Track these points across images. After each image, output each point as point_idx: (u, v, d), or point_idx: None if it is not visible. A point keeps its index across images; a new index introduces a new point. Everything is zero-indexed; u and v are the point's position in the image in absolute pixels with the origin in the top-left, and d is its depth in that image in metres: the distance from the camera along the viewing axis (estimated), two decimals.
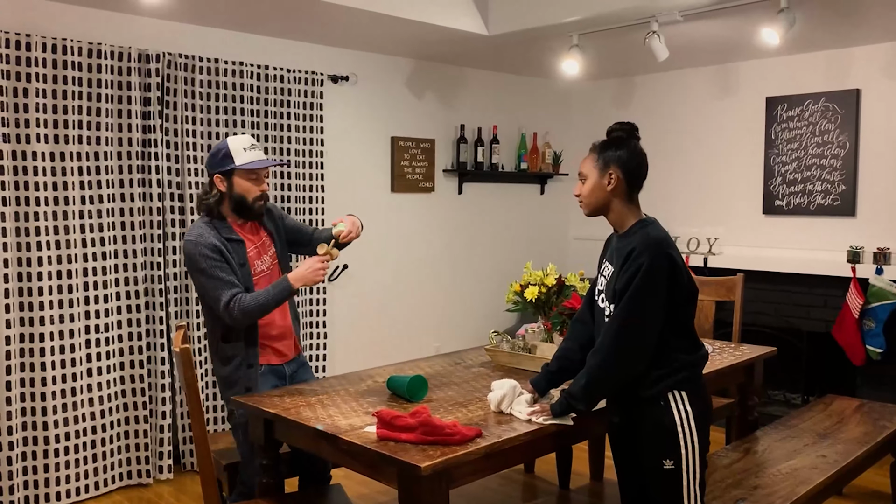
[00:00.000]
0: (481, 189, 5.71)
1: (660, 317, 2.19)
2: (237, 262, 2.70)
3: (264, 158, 2.75)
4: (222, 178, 2.70)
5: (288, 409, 2.54)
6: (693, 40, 4.58)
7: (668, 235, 2.28)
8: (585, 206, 2.38)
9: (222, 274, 2.63)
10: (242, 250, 2.74)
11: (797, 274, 4.86)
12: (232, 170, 2.68)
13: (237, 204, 2.71)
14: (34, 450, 3.62)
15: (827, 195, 4.86)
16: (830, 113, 4.83)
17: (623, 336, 2.19)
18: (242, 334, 2.74)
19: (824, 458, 3.04)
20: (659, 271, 2.17)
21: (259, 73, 4.31)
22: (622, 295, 2.19)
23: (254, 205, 2.73)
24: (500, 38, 4.47)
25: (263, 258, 2.83)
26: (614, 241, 2.38)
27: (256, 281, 2.77)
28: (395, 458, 2.10)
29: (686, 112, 5.56)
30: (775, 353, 3.57)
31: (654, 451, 2.22)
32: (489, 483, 3.96)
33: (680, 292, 2.22)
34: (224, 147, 2.70)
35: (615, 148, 2.31)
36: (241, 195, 2.70)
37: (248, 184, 2.70)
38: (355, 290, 4.98)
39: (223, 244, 2.67)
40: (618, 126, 2.36)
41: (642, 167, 2.33)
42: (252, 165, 2.67)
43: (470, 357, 3.38)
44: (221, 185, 2.70)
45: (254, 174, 2.70)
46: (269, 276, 2.83)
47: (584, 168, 2.37)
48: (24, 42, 3.49)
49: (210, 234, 2.68)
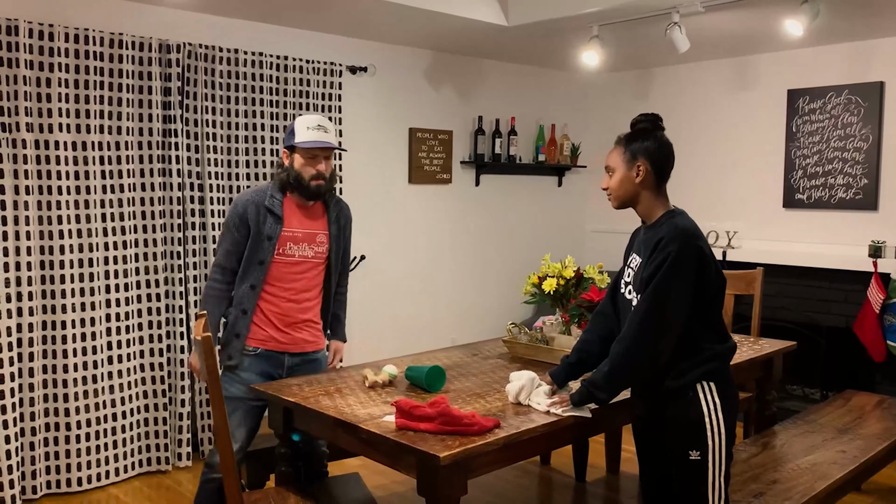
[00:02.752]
0: (498, 181, 5.70)
1: (686, 306, 2.17)
2: (266, 234, 2.76)
3: (323, 140, 2.76)
4: (287, 153, 2.81)
5: (307, 399, 2.56)
6: (714, 32, 4.54)
7: (697, 226, 2.26)
8: (614, 199, 2.35)
9: (227, 238, 2.81)
10: (277, 226, 2.78)
11: (817, 268, 4.82)
12: (293, 147, 2.77)
13: (295, 180, 2.78)
14: (56, 436, 3.67)
15: (849, 189, 4.81)
16: (853, 106, 4.77)
17: (648, 324, 2.18)
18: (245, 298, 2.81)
19: (844, 454, 3.02)
20: (687, 260, 2.16)
21: (278, 63, 4.32)
22: (648, 283, 2.18)
23: (309, 184, 2.77)
24: (519, 30, 4.46)
25: (303, 245, 2.84)
26: (642, 232, 2.36)
27: (283, 262, 2.80)
28: (414, 448, 2.11)
29: (706, 105, 5.52)
30: (795, 348, 3.55)
31: (681, 441, 2.21)
32: (505, 474, 3.97)
33: (708, 284, 2.20)
34: (292, 124, 2.80)
35: (642, 139, 2.29)
36: (298, 172, 2.77)
37: (305, 162, 2.75)
38: (372, 280, 4.99)
39: (258, 210, 2.76)
40: (642, 117, 2.34)
41: (670, 158, 2.31)
42: (306, 144, 2.73)
43: (487, 348, 3.38)
44: (286, 159, 2.81)
45: (310, 153, 2.74)
46: (304, 266, 2.85)
47: (610, 161, 2.35)
48: (48, 32, 3.52)
49: (257, 195, 2.80)
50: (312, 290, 2.90)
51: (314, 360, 2.96)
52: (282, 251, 2.80)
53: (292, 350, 2.87)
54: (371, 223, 4.95)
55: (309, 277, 2.87)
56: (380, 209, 5.01)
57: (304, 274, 2.85)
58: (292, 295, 2.84)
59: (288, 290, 2.83)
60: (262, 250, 2.77)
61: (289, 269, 2.82)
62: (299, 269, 2.84)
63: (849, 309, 4.71)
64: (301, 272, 2.85)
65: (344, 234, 2.98)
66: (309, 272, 2.87)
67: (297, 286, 2.84)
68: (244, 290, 2.80)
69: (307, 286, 2.87)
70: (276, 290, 2.82)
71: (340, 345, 3.14)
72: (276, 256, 2.79)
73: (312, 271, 2.88)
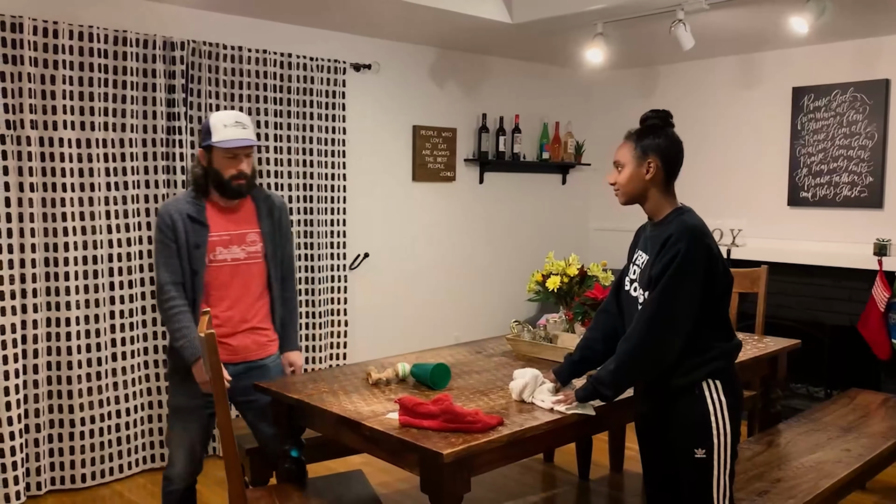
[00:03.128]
0: (502, 179, 5.69)
1: (694, 305, 2.16)
2: (192, 243, 2.64)
3: (242, 138, 2.62)
4: (204, 152, 2.67)
5: (311, 396, 2.56)
6: (719, 29, 4.53)
7: (705, 224, 2.25)
8: (622, 195, 2.32)
9: (165, 252, 2.64)
10: (203, 233, 2.65)
11: (822, 266, 4.81)
12: (210, 146, 2.63)
13: (215, 180, 2.65)
14: (60, 432, 3.68)
15: (854, 187, 4.80)
16: (858, 103, 4.76)
17: (656, 322, 2.17)
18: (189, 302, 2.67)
19: (848, 452, 3.01)
20: (696, 259, 2.15)
21: (282, 61, 4.32)
22: (657, 281, 2.17)
23: (230, 183, 2.64)
24: (523, 27, 4.45)
25: (233, 248, 2.71)
26: (648, 229, 2.34)
27: (215, 268, 2.67)
28: (417, 445, 2.11)
29: (710, 102, 5.50)
30: (799, 346, 3.54)
31: (686, 440, 2.21)
32: (509, 472, 3.97)
33: (716, 282, 2.19)
34: (207, 122, 2.66)
35: (653, 136, 2.27)
36: (218, 171, 2.64)
37: (225, 161, 2.62)
38: (376, 278, 4.99)
39: (183, 220, 2.63)
40: (653, 113, 2.32)
41: (680, 155, 2.29)
42: (224, 144, 2.60)
43: (491, 346, 3.38)
44: (203, 159, 2.67)
45: (230, 152, 2.61)
46: (238, 269, 2.71)
47: (620, 156, 2.32)
48: (52, 30, 3.52)
49: (178, 204, 2.67)
50: (252, 294, 2.75)
51: (261, 367, 2.79)
52: (213, 257, 2.67)
53: (233, 360, 2.72)
54: (374, 221, 4.95)
55: (245, 281, 2.73)
56: (383, 207, 5.01)
57: (239, 278, 2.72)
58: (230, 302, 2.71)
59: (224, 297, 2.70)
60: (193, 260, 2.64)
61: (222, 274, 2.69)
62: (233, 273, 2.70)
63: (853, 307, 4.69)
64: (235, 276, 2.71)
65: (280, 230, 2.83)
66: (244, 275, 2.73)
67: (233, 292, 2.71)
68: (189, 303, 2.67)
69: (245, 291, 2.73)
70: (213, 298, 2.68)
71: (295, 356, 2.92)
72: (207, 264, 2.66)
73: (248, 274, 2.73)
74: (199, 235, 2.65)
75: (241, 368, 2.74)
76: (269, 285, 2.80)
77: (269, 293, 2.81)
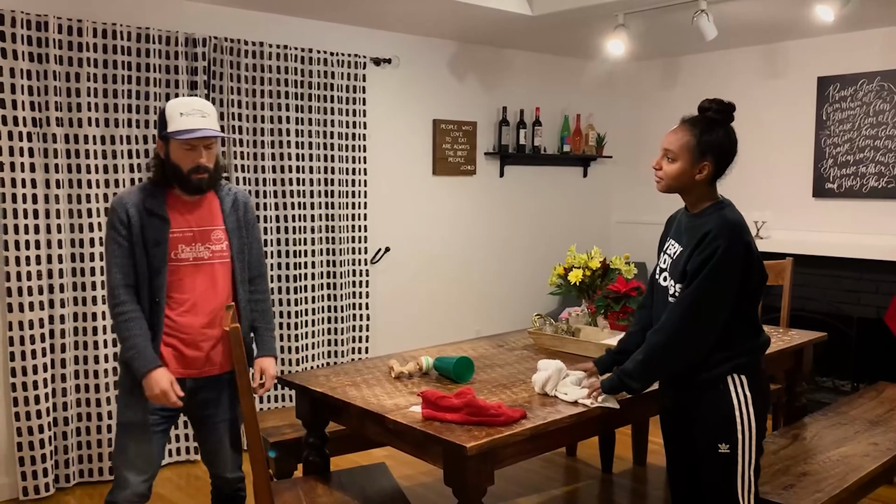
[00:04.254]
0: (523, 172, 5.68)
1: (729, 302, 2.13)
2: (152, 240, 2.39)
3: (199, 128, 2.36)
4: (162, 143, 2.43)
5: (335, 389, 2.57)
6: (742, 19, 4.47)
7: (744, 219, 2.20)
8: (665, 186, 2.24)
9: (118, 251, 2.38)
10: (163, 228, 2.40)
11: (848, 258, 4.74)
12: (166, 137, 2.38)
13: (173, 173, 2.41)
14: (87, 426, 3.73)
15: (881, 177, 4.73)
16: (885, 93, 4.68)
17: (690, 319, 2.14)
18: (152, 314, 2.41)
19: (876, 446, 2.97)
20: (735, 257, 2.11)
21: (303, 56, 4.33)
22: (693, 276, 2.13)
23: (189, 177, 2.39)
24: (544, 19, 4.42)
25: (197, 247, 2.46)
26: (684, 219, 2.29)
27: (176, 268, 2.42)
28: (440, 438, 2.11)
29: (733, 93, 5.43)
30: (825, 339, 3.50)
31: (710, 434, 2.19)
32: (531, 465, 3.97)
33: (752, 280, 2.16)
34: (163, 110, 2.41)
35: (716, 133, 2.18)
36: (176, 164, 2.39)
37: (182, 153, 2.37)
38: (397, 272, 5.00)
39: (140, 214, 2.38)
40: (716, 105, 2.21)
41: (734, 154, 2.22)
42: (180, 135, 2.34)
43: (513, 340, 3.38)
44: (161, 151, 2.43)
45: (187, 143, 2.36)
46: (201, 270, 2.46)
47: (673, 146, 2.20)
48: (76, 28, 3.56)
49: (134, 196, 2.41)
50: (219, 297, 2.49)
51: (222, 380, 2.54)
52: (174, 255, 2.42)
53: (197, 374, 2.48)
54: (395, 215, 4.96)
55: (210, 282, 2.47)
56: (404, 201, 5.01)
57: (204, 279, 2.46)
58: (191, 306, 2.44)
59: (187, 301, 2.44)
60: (153, 258, 2.39)
61: (183, 275, 2.43)
62: (196, 273, 2.45)
63: (880, 300, 4.63)
64: (199, 277, 2.45)
65: (247, 228, 2.58)
66: (208, 276, 2.47)
67: (197, 295, 2.45)
68: (147, 306, 2.41)
69: (209, 294, 2.47)
70: (173, 302, 2.43)
71: (267, 362, 2.61)
72: (168, 263, 2.41)
73: (213, 275, 2.48)
74: (158, 231, 2.40)
75: (202, 382, 2.50)
76: (235, 287, 2.54)
77: (236, 296, 2.55)
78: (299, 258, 4.39)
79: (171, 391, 2.35)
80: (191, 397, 2.48)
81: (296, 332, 4.38)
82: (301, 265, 4.40)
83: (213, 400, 2.53)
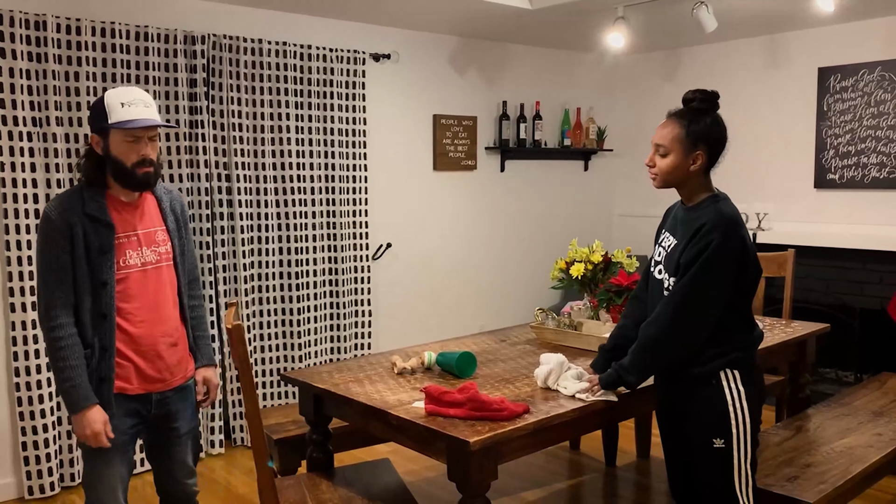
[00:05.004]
0: (524, 166, 5.67)
1: (723, 296, 2.13)
2: (96, 248, 2.20)
3: (147, 118, 2.21)
4: (99, 137, 2.24)
5: (337, 385, 2.57)
6: (742, 10, 4.46)
7: (739, 213, 2.19)
8: (660, 181, 2.23)
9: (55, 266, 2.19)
10: (108, 235, 2.22)
11: (850, 249, 4.73)
12: (106, 129, 2.21)
13: (115, 170, 2.23)
14: None
15: (882, 168, 4.72)
16: (886, 83, 4.67)
17: (684, 311, 2.14)
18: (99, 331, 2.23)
19: (880, 437, 2.97)
20: (730, 250, 2.11)
21: (302, 52, 4.32)
22: (687, 269, 2.13)
23: (134, 171, 2.22)
24: (543, 13, 4.41)
25: (144, 251, 2.30)
26: (680, 212, 2.29)
27: (124, 276, 2.25)
28: (444, 434, 2.11)
29: (734, 85, 5.43)
30: (828, 330, 3.49)
31: (705, 429, 2.19)
32: (535, 459, 3.97)
33: (747, 274, 2.16)
34: (100, 101, 2.22)
35: (703, 122, 2.18)
36: (118, 158, 2.21)
37: (125, 146, 2.20)
38: (399, 268, 5.00)
39: (82, 222, 2.19)
40: (701, 95, 2.20)
41: (725, 142, 2.22)
42: (127, 125, 2.18)
43: (515, 334, 3.38)
44: (98, 146, 2.24)
45: (130, 135, 2.20)
46: (150, 275, 2.31)
47: (664, 140, 2.20)
48: (75, 27, 3.55)
49: (70, 202, 2.21)
50: (168, 303, 2.36)
51: (186, 389, 2.45)
52: (122, 262, 2.25)
53: (161, 389, 2.35)
54: (396, 211, 4.96)
55: (159, 288, 2.33)
56: (405, 197, 5.01)
57: (152, 285, 2.32)
58: (147, 316, 2.29)
59: (137, 310, 2.27)
60: (99, 269, 2.20)
61: (132, 283, 2.27)
62: (144, 280, 2.29)
63: (884, 290, 4.62)
64: (147, 284, 2.30)
65: (185, 228, 2.46)
66: (155, 281, 2.33)
67: (148, 303, 2.30)
68: (92, 322, 2.22)
69: (160, 299, 2.33)
70: (123, 312, 2.26)
71: (210, 372, 2.50)
72: (116, 271, 2.24)
73: (160, 280, 2.34)
74: (103, 238, 2.21)
75: (169, 393, 2.37)
76: (180, 292, 2.42)
77: (181, 300, 2.42)
78: (301, 255, 4.39)
79: (104, 434, 2.19)
80: (158, 410, 2.35)
81: (298, 329, 4.38)
82: (303, 262, 4.40)
83: (181, 412, 2.42)
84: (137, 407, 2.32)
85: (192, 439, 2.52)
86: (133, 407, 2.31)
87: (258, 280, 4.26)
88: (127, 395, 2.28)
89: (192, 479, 2.53)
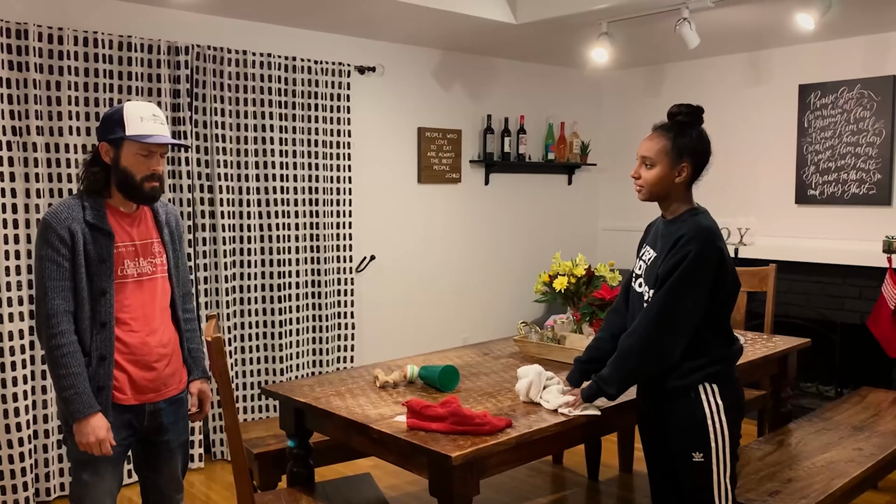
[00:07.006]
0: (508, 180, 5.68)
1: (700, 307, 2.14)
2: (96, 257, 2.22)
3: (165, 135, 2.27)
4: (110, 147, 2.25)
5: (318, 399, 2.55)
6: (725, 27, 4.51)
7: (718, 226, 2.21)
8: (646, 193, 2.25)
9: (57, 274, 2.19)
10: (108, 244, 2.24)
11: (831, 264, 4.78)
12: (121, 139, 2.23)
13: (122, 181, 2.25)
14: None
15: (862, 184, 4.77)
16: (866, 100, 4.73)
17: (661, 321, 2.15)
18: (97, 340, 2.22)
19: (860, 452, 2.98)
20: (707, 262, 2.12)
21: (287, 64, 4.32)
22: (665, 280, 2.15)
23: (142, 185, 2.25)
24: (528, 27, 4.44)
25: (140, 262, 2.31)
26: (660, 226, 2.31)
27: (122, 286, 2.26)
28: (425, 448, 2.10)
29: (717, 100, 5.48)
30: (809, 345, 3.51)
31: (684, 443, 2.20)
32: (518, 474, 3.95)
33: (724, 287, 2.17)
34: (118, 112, 2.25)
35: (689, 136, 2.20)
36: (128, 170, 2.24)
37: (138, 159, 2.24)
38: (382, 280, 4.98)
39: (83, 230, 2.21)
40: (686, 109, 2.22)
41: (709, 155, 2.25)
42: (146, 139, 2.22)
43: (498, 348, 3.37)
44: (107, 155, 2.26)
45: (145, 149, 2.24)
46: (142, 285, 2.31)
47: (650, 152, 2.21)
48: (57, 36, 3.53)
49: (71, 210, 2.23)
50: (164, 314, 2.37)
51: (179, 401, 2.43)
52: (120, 272, 2.27)
53: (154, 399, 2.33)
54: (380, 224, 4.95)
55: (153, 298, 2.34)
56: (389, 209, 5.00)
57: (148, 295, 2.32)
58: (143, 326, 2.30)
59: (133, 319, 2.28)
60: (98, 278, 2.22)
61: (129, 292, 2.28)
62: (140, 290, 2.30)
63: (863, 305, 4.66)
64: (142, 294, 2.31)
65: (180, 240, 2.48)
66: (151, 292, 2.34)
67: (143, 313, 2.30)
68: (91, 330, 2.22)
69: (154, 309, 2.34)
70: (119, 322, 2.26)
71: (204, 385, 2.50)
72: (115, 280, 2.25)
73: (155, 291, 2.35)
74: (103, 246, 2.23)
75: (161, 405, 2.36)
76: (174, 303, 2.43)
77: (175, 313, 2.43)
78: (284, 267, 4.36)
79: (108, 441, 2.17)
80: (150, 422, 2.33)
81: (280, 342, 4.35)
82: (286, 274, 4.37)
83: (172, 424, 2.39)
84: (130, 418, 2.30)
85: (182, 452, 2.50)
86: (126, 419, 2.29)
87: (240, 292, 4.23)
88: (121, 407, 2.26)
89: (179, 494, 2.50)
